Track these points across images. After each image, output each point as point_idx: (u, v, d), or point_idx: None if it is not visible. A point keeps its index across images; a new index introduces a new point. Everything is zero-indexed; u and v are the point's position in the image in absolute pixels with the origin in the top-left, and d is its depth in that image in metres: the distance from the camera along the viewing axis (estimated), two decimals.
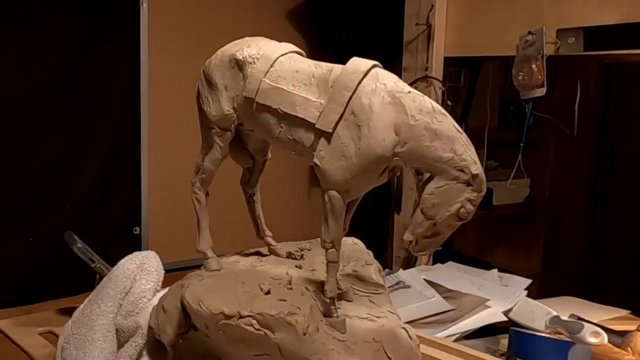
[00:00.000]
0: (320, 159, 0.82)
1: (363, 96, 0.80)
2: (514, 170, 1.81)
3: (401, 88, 0.81)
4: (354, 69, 0.83)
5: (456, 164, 0.77)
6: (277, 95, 0.85)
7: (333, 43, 2.48)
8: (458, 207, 0.78)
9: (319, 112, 0.82)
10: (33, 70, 1.91)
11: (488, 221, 2.57)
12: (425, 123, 0.78)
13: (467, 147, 0.79)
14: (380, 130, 0.79)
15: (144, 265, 1.10)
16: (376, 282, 0.93)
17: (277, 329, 0.81)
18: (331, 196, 0.82)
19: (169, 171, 2.21)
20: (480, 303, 1.41)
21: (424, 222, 0.80)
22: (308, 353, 0.80)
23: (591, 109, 2.58)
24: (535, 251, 2.69)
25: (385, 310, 0.89)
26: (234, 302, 0.85)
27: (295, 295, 0.87)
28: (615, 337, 1.22)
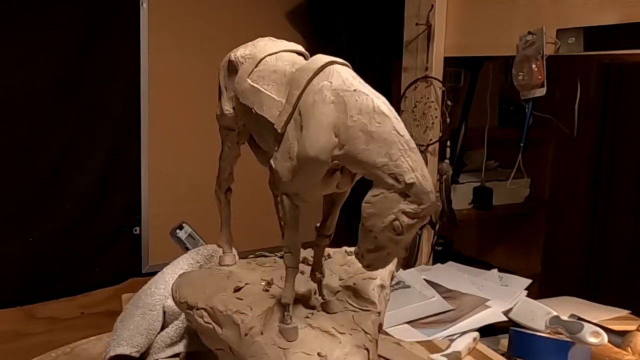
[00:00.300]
0: (274, 160, 0.79)
1: (310, 95, 0.76)
2: (514, 170, 1.81)
3: (347, 86, 0.74)
4: (308, 67, 0.78)
5: (390, 170, 0.70)
6: (253, 95, 0.84)
7: (333, 43, 2.48)
8: (392, 219, 0.70)
9: (279, 112, 0.79)
10: (33, 70, 1.91)
11: (488, 221, 2.57)
12: (362, 124, 0.71)
13: (406, 153, 0.71)
14: (316, 131, 0.74)
15: (213, 257, 1.12)
16: (369, 299, 0.87)
17: (225, 326, 0.82)
18: (283, 200, 0.79)
19: (169, 171, 2.21)
20: (480, 303, 1.41)
21: (366, 233, 0.74)
22: (246, 354, 0.80)
23: (591, 109, 2.58)
24: (535, 251, 2.69)
25: (359, 327, 0.83)
26: (199, 295, 0.88)
27: (262, 296, 0.86)
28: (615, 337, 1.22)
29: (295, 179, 0.76)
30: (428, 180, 0.70)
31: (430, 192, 0.70)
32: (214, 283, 0.90)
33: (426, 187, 0.70)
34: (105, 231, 2.11)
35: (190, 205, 2.26)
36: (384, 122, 0.72)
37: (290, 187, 0.77)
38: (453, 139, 2.07)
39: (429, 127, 1.88)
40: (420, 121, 1.90)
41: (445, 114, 1.88)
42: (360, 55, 2.49)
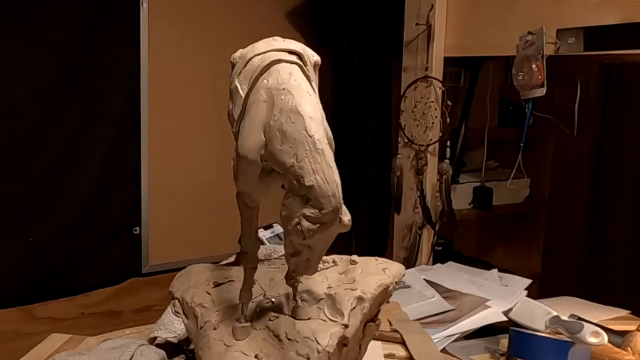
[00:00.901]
0: (232, 160, 0.77)
1: (252, 95, 0.75)
2: (514, 170, 1.81)
3: (279, 84, 0.72)
4: (257, 65, 0.76)
5: (295, 172, 0.67)
6: (233, 95, 0.82)
7: (333, 43, 2.48)
8: (295, 223, 0.68)
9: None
10: (33, 70, 1.91)
11: (488, 221, 2.57)
12: (280, 124, 0.69)
13: (310, 154, 0.67)
14: (247, 130, 0.73)
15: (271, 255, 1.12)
16: (339, 310, 0.83)
17: (189, 317, 0.86)
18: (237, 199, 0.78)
19: (169, 171, 2.21)
20: (480, 303, 1.41)
21: (285, 237, 0.72)
22: (198, 346, 0.83)
23: (591, 109, 2.58)
24: (535, 251, 2.69)
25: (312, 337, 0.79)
26: (182, 286, 0.90)
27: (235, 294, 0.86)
28: (615, 337, 1.22)
29: (238, 178, 0.76)
30: (331, 183, 0.67)
31: (330, 197, 0.66)
32: (205, 277, 0.91)
33: (326, 191, 0.66)
34: (105, 231, 2.11)
35: (190, 205, 2.26)
36: (297, 122, 0.69)
37: (238, 186, 0.77)
38: (453, 139, 2.07)
39: (429, 127, 1.89)
40: (420, 121, 1.90)
41: (445, 114, 1.88)
42: (360, 55, 2.50)
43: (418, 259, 1.94)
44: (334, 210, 0.67)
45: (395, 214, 2.02)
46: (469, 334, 1.34)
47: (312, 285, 0.88)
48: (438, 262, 1.81)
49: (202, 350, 0.80)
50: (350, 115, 2.51)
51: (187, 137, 2.24)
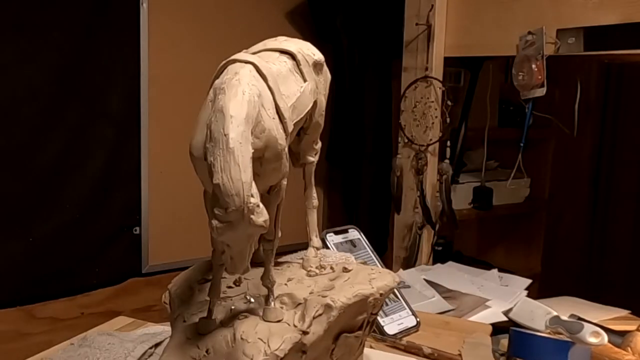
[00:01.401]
0: None
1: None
2: (514, 170, 1.81)
3: (222, 83, 0.72)
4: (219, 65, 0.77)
5: (210, 170, 0.68)
6: None
7: (333, 43, 2.48)
8: (209, 221, 0.68)
9: None
10: (33, 70, 1.91)
11: (488, 221, 2.57)
12: (210, 122, 0.70)
13: (222, 152, 0.67)
14: (195, 129, 0.73)
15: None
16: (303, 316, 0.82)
17: (172, 308, 0.87)
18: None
19: (169, 171, 2.21)
20: (480, 303, 1.41)
21: None
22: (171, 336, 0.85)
23: (591, 109, 2.59)
24: (535, 251, 2.69)
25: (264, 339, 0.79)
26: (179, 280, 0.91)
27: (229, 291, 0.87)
28: (615, 337, 1.22)
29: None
30: (236, 182, 0.66)
31: (234, 196, 0.66)
32: (199, 273, 0.91)
33: (230, 190, 0.66)
34: (105, 231, 2.11)
35: (190, 205, 2.26)
36: (219, 120, 0.69)
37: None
38: (453, 139, 2.07)
39: (429, 127, 1.88)
40: (420, 121, 1.90)
41: (445, 114, 1.88)
42: (360, 55, 2.50)
43: (418, 259, 1.94)
44: (238, 209, 0.66)
45: (395, 214, 2.02)
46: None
47: (296, 289, 0.87)
48: (438, 262, 1.80)
49: (170, 340, 0.81)
50: (350, 115, 2.51)
51: (187, 137, 2.23)
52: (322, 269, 0.94)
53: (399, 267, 1.86)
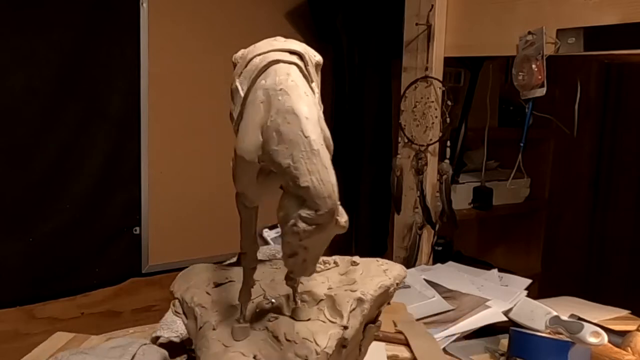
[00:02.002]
0: (231, 160, 0.77)
1: (250, 95, 0.75)
2: (514, 170, 1.81)
3: (276, 85, 0.72)
4: (255, 66, 0.76)
5: (291, 172, 0.67)
6: (234, 95, 0.81)
7: (333, 43, 2.48)
8: (292, 224, 0.68)
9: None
10: (33, 70, 1.91)
11: (488, 221, 2.57)
12: (276, 124, 0.69)
13: (306, 155, 0.67)
14: (244, 131, 0.73)
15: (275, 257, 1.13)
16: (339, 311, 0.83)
17: (189, 317, 0.85)
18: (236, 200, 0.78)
19: (169, 171, 2.21)
20: (480, 303, 1.41)
21: (282, 238, 0.72)
22: (197, 346, 0.83)
23: (591, 109, 2.59)
24: (535, 251, 2.69)
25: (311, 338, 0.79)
26: (183, 286, 0.90)
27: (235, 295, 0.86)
28: (615, 337, 1.22)
29: (236, 179, 0.75)
30: (327, 184, 0.66)
31: (326, 198, 0.66)
32: (205, 277, 0.91)
33: (322, 192, 0.66)
34: (105, 231, 2.11)
35: (190, 205, 2.26)
36: (293, 122, 0.69)
37: (237, 186, 0.76)
38: (453, 139, 2.07)
39: (429, 127, 1.88)
40: (420, 121, 1.90)
41: (445, 114, 1.88)
42: (360, 55, 2.50)
43: (418, 259, 1.94)
44: (330, 211, 0.66)
45: (395, 214, 2.02)
46: (469, 334, 1.34)
47: (312, 287, 0.88)
48: (438, 262, 1.81)
49: (200, 351, 0.80)
50: (350, 115, 2.51)
51: (187, 137, 2.24)
52: (326, 264, 0.94)
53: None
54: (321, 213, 0.66)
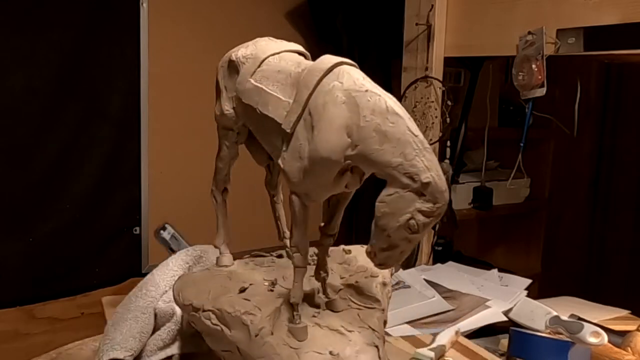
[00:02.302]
0: (282, 160, 0.79)
1: (320, 96, 0.76)
2: (514, 170, 1.81)
3: (359, 86, 0.75)
4: (316, 67, 0.78)
5: (405, 170, 0.71)
6: (257, 94, 0.84)
7: (333, 43, 2.48)
8: (407, 218, 0.71)
9: (286, 112, 0.79)
10: (33, 70, 1.91)
11: (488, 221, 2.57)
12: (375, 124, 0.72)
13: (421, 152, 0.71)
14: (328, 132, 0.74)
15: (202, 258, 1.12)
16: (373, 296, 0.88)
17: (233, 327, 0.82)
18: (292, 200, 0.79)
19: (169, 171, 2.21)
20: (480, 303, 1.41)
21: (378, 232, 0.74)
22: (256, 355, 0.79)
23: (591, 109, 2.59)
24: (535, 251, 2.69)
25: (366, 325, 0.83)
26: (204, 297, 0.87)
27: (268, 297, 0.86)
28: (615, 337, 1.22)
29: (305, 179, 0.77)
30: (443, 179, 0.71)
31: (445, 191, 0.71)
32: (218, 284, 0.90)
33: (441, 186, 0.70)
34: (105, 231, 2.11)
35: (190, 205, 2.26)
36: (397, 122, 0.72)
37: (300, 187, 0.78)
38: (453, 139, 2.07)
39: (429, 127, 1.88)
40: (420, 121, 1.90)
41: (445, 114, 1.88)
42: (360, 55, 2.49)
43: (418, 259, 1.94)
44: (445, 204, 0.71)
45: None
46: (469, 334, 1.34)
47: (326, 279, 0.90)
48: (438, 262, 1.80)
49: (266, 358, 0.78)
50: None
51: (187, 137, 2.24)
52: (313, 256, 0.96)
53: (399, 267, 1.86)
54: (439, 205, 0.71)
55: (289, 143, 0.78)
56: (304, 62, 0.85)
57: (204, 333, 0.89)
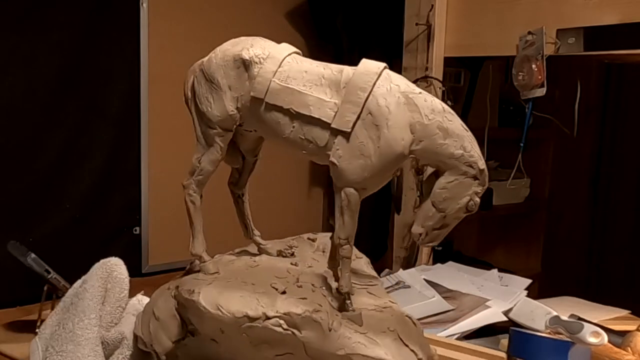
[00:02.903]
0: (338, 158, 0.84)
1: (379, 97, 0.84)
2: (514, 170, 1.81)
3: (413, 89, 0.86)
4: (366, 71, 0.86)
5: (466, 160, 0.83)
6: (287, 95, 0.87)
7: (333, 43, 2.48)
8: (467, 200, 0.84)
9: (334, 112, 0.85)
10: (33, 70, 1.91)
11: (488, 221, 2.57)
12: (438, 122, 0.84)
13: (474, 144, 0.85)
14: (398, 130, 0.83)
15: (113, 273, 1.08)
16: (369, 275, 0.96)
17: (304, 327, 0.82)
18: (348, 194, 0.85)
19: (169, 171, 2.21)
20: (480, 303, 1.41)
21: (435, 214, 0.85)
22: (334, 348, 0.82)
23: (591, 109, 2.58)
24: (535, 251, 2.69)
25: (387, 300, 0.92)
26: (254, 304, 0.84)
27: (308, 292, 0.88)
28: (615, 337, 1.22)
29: (369, 175, 0.84)
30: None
31: (487, 176, 0.85)
32: (253, 290, 0.88)
33: (487, 172, 0.85)
34: (105, 231, 2.11)
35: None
36: (454, 120, 0.85)
37: (361, 182, 0.85)
38: None
39: None
40: None
41: None
42: (360, 55, 2.49)
43: (418, 259, 1.94)
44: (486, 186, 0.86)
45: (395, 214, 2.02)
46: (469, 334, 1.34)
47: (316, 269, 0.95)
48: (438, 262, 1.81)
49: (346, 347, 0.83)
50: None
51: (187, 137, 2.23)
52: (290, 248, 1.04)
53: (399, 267, 1.86)
54: (485, 187, 0.84)
55: (347, 142, 0.84)
56: (326, 63, 0.91)
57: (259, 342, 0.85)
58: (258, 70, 0.88)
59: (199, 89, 0.93)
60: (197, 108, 0.94)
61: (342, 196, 0.86)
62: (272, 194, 2.38)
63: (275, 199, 2.40)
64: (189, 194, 0.96)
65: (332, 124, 0.84)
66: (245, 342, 0.85)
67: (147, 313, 0.97)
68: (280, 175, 2.37)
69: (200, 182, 0.96)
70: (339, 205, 0.86)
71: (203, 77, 0.93)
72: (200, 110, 0.94)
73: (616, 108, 2.72)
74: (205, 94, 0.93)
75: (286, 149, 0.92)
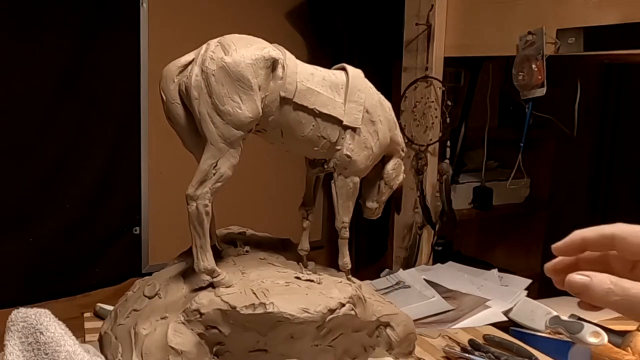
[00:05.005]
0: (351, 151, 0.96)
1: (372, 97, 0.98)
2: (514, 170, 1.81)
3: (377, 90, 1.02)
4: (357, 74, 0.98)
5: (401, 145, 1.06)
6: (311, 95, 0.91)
7: (333, 43, 2.48)
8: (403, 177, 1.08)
9: (343, 111, 0.94)
10: (33, 70, 1.91)
11: (488, 221, 2.57)
12: (393, 117, 1.03)
13: (400, 131, 1.06)
14: (385, 124, 1.00)
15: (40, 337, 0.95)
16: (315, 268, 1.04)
17: (358, 305, 0.94)
18: (355, 182, 0.99)
19: (169, 171, 2.21)
20: (480, 303, 1.41)
21: (387, 190, 1.06)
22: (369, 315, 0.97)
23: (591, 109, 2.58)
24: (535, 251, 2.69)
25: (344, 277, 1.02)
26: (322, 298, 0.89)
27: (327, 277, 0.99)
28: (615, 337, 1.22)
29: (371, 163, 0.99)
30: None
31: None
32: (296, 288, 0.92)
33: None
34: (105, 231, 2.11)
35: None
36: (392, 112, 1.04)
37: (365, 170, 0.99)
38: (453, 139, 2.07)
39: (429, 127, 1.88)
40: (420, 121, 1.90)
41: (445, 114, 1.88)
42: (360, 55, 2.49)
43: (418, 259, 1.94)
44: None
45: (395, 214, 2.02)
46: None
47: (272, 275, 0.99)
48: (438, 262, 1.81)
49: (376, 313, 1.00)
50: None
51: None
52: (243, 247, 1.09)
53: (399, 267, 1.86)
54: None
55: (356, 136, 0.96)
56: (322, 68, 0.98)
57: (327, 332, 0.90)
58: (284, 71, 0.87)
59: (219, 89, 0.86)
60: (217, 108, 0.86)
61: (348, 185, 0.98)
62: (272, 194, 2.38)
63: (276, 199, 2.40)
64: (204, 204, 0.88)
65: (344, 122, 0.94)
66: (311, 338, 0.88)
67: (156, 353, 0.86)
68: (281, 175, 2.37)
69: (217, 190, 0.88)
70: (343, 193, 0.99)
71: (227, 76, 0.86)
72: (222, 111, 0.85)
73: (616, 108, 2.71)
74: (229, 94, 0.85)
75: (296, 148, 0.96)
